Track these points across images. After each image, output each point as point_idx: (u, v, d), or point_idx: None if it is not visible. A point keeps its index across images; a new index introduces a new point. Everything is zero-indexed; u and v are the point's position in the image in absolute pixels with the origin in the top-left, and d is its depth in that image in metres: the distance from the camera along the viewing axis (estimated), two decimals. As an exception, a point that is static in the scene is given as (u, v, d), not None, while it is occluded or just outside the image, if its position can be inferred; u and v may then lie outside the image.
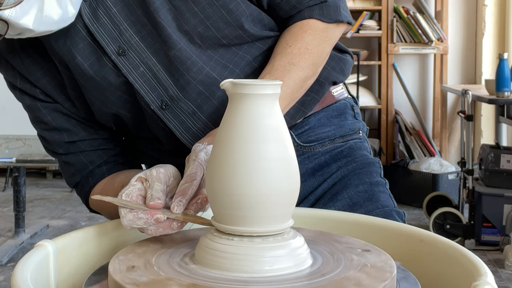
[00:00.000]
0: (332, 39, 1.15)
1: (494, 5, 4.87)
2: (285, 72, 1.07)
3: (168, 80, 1.09)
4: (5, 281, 3.11)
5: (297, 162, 0.81)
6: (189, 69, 1.09)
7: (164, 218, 0.87)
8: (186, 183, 0.90)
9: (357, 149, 1.23)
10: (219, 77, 1.10)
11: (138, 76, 1.09)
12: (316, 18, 1.12)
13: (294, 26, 1.13)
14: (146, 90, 1.09)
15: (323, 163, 1.21)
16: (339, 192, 1.18)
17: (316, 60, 1.12)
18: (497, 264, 3.24)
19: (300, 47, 1.10)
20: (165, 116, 1.11)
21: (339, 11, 1.13)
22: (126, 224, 0.89)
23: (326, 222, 1.04)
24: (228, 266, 0.77)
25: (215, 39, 1.10)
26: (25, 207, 3.73)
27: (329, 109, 1.23)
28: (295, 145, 1.16)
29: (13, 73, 1.16)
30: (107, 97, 1.11)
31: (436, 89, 4.88)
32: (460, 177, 3.79)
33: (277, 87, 0.80)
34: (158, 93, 1.10)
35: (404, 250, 0.94)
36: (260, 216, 0.78)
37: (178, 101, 1.10)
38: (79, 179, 1.18)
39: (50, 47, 1.10)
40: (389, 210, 1.14)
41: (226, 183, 0.78)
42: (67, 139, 1.17)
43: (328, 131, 1.21)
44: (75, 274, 0.92)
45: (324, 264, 0.80)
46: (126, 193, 0.90)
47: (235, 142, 0.78)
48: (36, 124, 1.19)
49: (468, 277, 0.78)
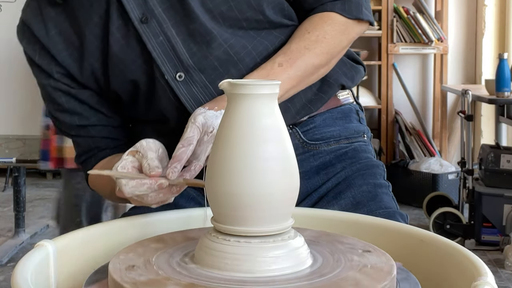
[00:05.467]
0: (351, 35, 1.18)
1: (494, 5, 4.87)
2: (299, 55, 1.11)
3: (185, 53, 1.12)
4: (5, 281, 3.10)
5: (296, 162, 0.81)
6: (207, 43, 1.12)
7: (166, 184, 0.90)
8: (183, 147, 0.93)
9: (361, 151, 1.24)
10: (236, 56, 1.13)
11: (157, 45, 1.11)
12: (337, 12, 1.15)
13: (315, 16, 1.16)
14: (162, 60, 1.12)
15: (327, 162, 1.22)
16: (342, 191, 1.18)
17: (332, 50, 1.15)
18: (497, 264, 3.24)
19: (318, 35, 1.13)
20: (178, 87, 1.13)
21: (360, 8, 1.17)
22: (128, 192, 0.91)
23: (326, 222, 1.04)
24: (227, 266, 0.77)
25: (236, 20, 1.13)
26: (25, 207, 3.72)
27: (334, 111, 1.25)
28: (300, 141, 1.20)
29: (34, 47, 1.18)
30: (127, 65, 1.14)
31: (436, 89, 4.88)
32: (460, 177, 3.78)
33: (276, 87, 0.80)
34: (174, 64, 1.12)
35: (404, 250, 0.94)
36: (260, 216, 0.78)
37: (192, 74, 1.13)
38: (84, 159, 1.22)
39: (81, 12, 1.13)
40: (392, 211, 1.14)
41: (225, 183, 0.78)
42: (78, 123, 1.20)
43: (333, 131, 1.23)
44: (75, 274, 0.92)
45: (324, 265, 0.80)
46: (121, 166, 0.93)
47: (234, 142, 0.78)
48: (49, 104, 1.22)
49: (468, 277, 0.78)
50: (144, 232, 1.00)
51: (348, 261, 0.81)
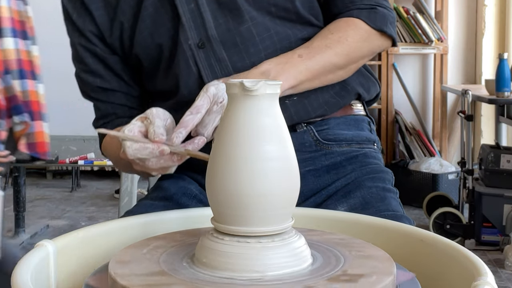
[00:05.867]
0: (372, 44, 1.22)
1: (494, 5, 4.87)
2: (320, 51, 1.15)
3: (211, 22, 1.17)
4: (5, 281, 3.10)
5: (297, 162, 0.81)
6: (234, 17, 1.17)
7: (168, 151, 0.93)
8: (191, 115, 0.96)
9: (371, 157, 1.27)
10: (258, 36, 1.17)
11: (188, 11, 1.17)
12: (362, 19, 1.19)
13: (341, 20, 1.20)
14: (190, 25, 1.17)
15: (338, 163, 1.24)
16: (352, 190, 1.20)
17: (351, 53, 1.18)
18: (497, 264, 3.24)
19: (340, 36, 1.17)
20: (198, 54, 1.18)
21: (385, 22, 1.21)
22: (131, 154, 0.94)
23: (326, 222, 1.04)
24: (227, 266, 0.77)
25: (266, 3, 1.18)
26: (25, 207, 3.73)
27: (348, 118, 1.28)
28: (314, 139, 1.23)
29: (74, 4, 1.24)
30: (157, 27, 1.19)
31: (436, 89, 4.88)
32: (460, 177, 3.78)
33: (277, 87, 0.80)
34: (199, 32, 1.17)
35: (404, 250, 0.94)
36: (260, 216, 0.78)
37: (213, 44, 1.17)
38: (101, 123, 1.27)
39: None
40: (400, 215, 1.16)
41: (226, 183, 0.78)
42: (99, 84, 1.26)
43: (346, 134, 1.26)
44: (75, 274, 0.92)
45: (324, 265, 0.80)
46: (128, 129, 0.96)
47: (234, 142, 0.78)
48: (76, 63, 1.28)
49: (468, 277, 0.78)
50: (144, 232, 1.00)
51: (348, 260, 0.80)
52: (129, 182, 2.82)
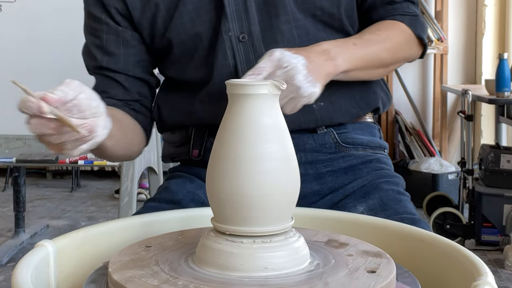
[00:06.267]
0: (411, 49, 1.25)
1: (494, 5, 4.87)
2: (372, 44, 1.17)
3: (255, 17, 1.17)
4: (5, 281, 3.10)
5: (297, 162, 0.81)
6: (278, 16, 1.17)
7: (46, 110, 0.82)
8: (252, 75, 0.95)
9: (383, 163, 1.29)
10: (298, 38, 1.18)
11: (233, 2, 1.16)
12: (406, 24, 1.22)
13: (385, 21, 1.22)
14: (233, 17, 1.16)
15: (354, 166, 1.26)
16: (371, 191, 1.22)
17: (398, 52, 1.21)
18: (497, 264, 3.24)
19: (388, 35, 1.20)
20: (237, 47, 1.17)
21: (425, 30, 1.25)
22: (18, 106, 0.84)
23: (326, 222, 1.04)
24: (227, 265, 0.77)
25: (312, 6, 1.18)
26: (25, 207, 3.72)
27: (362, 123, 1.31)
28: (334, 141, 1.25)
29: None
30: (200, 15, 1.18)
31: (436, 89, 4.88)
32: (460, 177, 3.78)
33: (276, 88, 0.80)
34: (241, 25, 1.17)
35: (404, 250, 0.94)
36: (260, 216, 0.78)
37: (254, 39, 1.17)
38: None
39: None
40: (418, 218, 1.17)
41: (226, 183, 0.78)
42: (105, 65, 1.21)
43: (362, 139, 1.28)
44: (75, 274, 0.92)
45: (323, 265, 0.80)
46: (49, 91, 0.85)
47: (235, 142, 0.78)
48: (88, 36, 1.24)
49: (468, 277, 0.78)
50: (144, 232, 1.00)
51: (348, 260, 0.81)
52: (129, 182, 2.82)
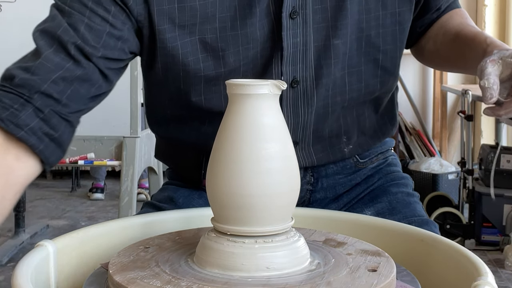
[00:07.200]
0: None
1: (494, 5, 4.87)
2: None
3: (312, 61, 1.08)
4: (5, 281, 3.11)
5: (297, 162, 0.81)
6: (336, 64, 1.09)
7: None
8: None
9: (393, 165, 1.29)
10: (348, 85, 1.11)
11: (292, 44, 1.06)
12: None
13: (453, 13, 1.20)
14: (288, 60, 1.07)
15: (369, 176, 1.25)
16: (379, 195, 1.22)
17: None
18: (497, 264, 3.24)
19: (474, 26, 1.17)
20: (287, 92, 1.09)
21: None
22: None
23: (326, 222, 1.04)
24: (227, 266, 0.77)
25: (375, 48, 1.12)
26: (25, 207, 3.73)
27: None
28: (354, 160, 1.23)
29: None
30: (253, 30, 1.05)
31: (436, 89, 4.88)
32: (460, 177, 3.79)
33: (276, 88, 0.80)
34: (295, 68, 1.08)
35: (404, 250, 0.94)
36: (260, 216, 0.78)
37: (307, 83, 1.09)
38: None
39: None
40: (426, 219, 1.17)
41: (226, 183, 0.78)
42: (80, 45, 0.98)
43: (376, 148, 1.26)
44: (75, 274, 0.92)
45: (324, 264, 0.80)
46: None
47: (235, 142, 0.78)
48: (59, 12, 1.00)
49: (468, 277, 0.78)
50: (144, 232, 1.00)
51: (348, 260, 0.81)
52: (129, 182, 2.82)
